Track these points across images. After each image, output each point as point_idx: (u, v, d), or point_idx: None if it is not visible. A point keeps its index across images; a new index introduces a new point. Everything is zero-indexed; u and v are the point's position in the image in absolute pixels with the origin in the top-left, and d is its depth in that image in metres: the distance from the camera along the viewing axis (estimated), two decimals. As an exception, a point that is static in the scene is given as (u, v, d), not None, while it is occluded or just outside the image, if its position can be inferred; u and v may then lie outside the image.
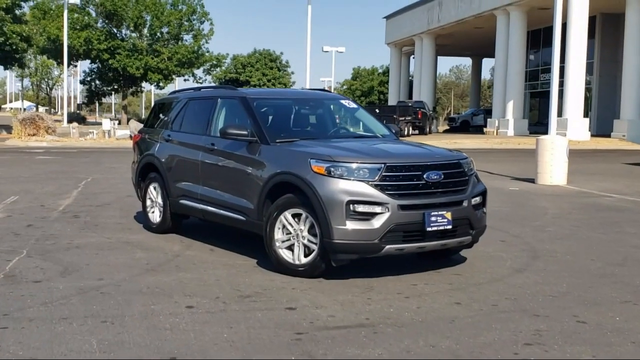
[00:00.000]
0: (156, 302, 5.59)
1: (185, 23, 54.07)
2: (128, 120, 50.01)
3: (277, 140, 7.05)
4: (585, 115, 38.55)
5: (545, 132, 17.83)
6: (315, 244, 6.34)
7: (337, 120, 8.12)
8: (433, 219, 6.23)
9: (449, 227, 6.33)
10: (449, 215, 6.32)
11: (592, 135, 36.99)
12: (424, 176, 6.30)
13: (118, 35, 54.63)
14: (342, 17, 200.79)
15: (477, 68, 67.47)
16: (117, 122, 36.55)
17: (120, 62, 52.24)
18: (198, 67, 56.39)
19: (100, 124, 40.55)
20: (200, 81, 57.57)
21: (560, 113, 38.41)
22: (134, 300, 5.68)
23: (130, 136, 31.20)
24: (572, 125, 35.40)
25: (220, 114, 7.98)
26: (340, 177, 6.17)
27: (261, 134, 7.11)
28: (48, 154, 24.04)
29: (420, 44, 56.12)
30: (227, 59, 62.52)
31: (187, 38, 55.47)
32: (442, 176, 6.40)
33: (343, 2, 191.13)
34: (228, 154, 7.43)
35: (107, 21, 53.77)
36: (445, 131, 52.48)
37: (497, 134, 42.26)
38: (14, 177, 15.57)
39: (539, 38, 48.55)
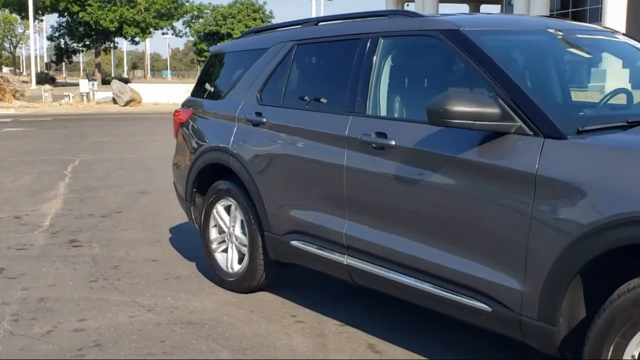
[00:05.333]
0: None
1: (163, -31, 48.89)
2: (104, 80, 45.25)
3: (583, 128, 2.95)
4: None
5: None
6: None
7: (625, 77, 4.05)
8: None
9: None
10: None
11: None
12: None
13: (88, -16, 49.28)
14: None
15: (475, 16, 63.20)
16: (94, 82, 31.91)
17: (92, 14, 47.07)
18: (177, 19, 51.47)
19: (73, 84, 35.95)
20: (181, 35, 52.73)
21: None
22: None
23: (114, 99, 26.66)
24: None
25: (384, 69, 3.83)
26: None
27: (538, 116, 2.97)
28: (17, 124, 19.63)
29: (421, -12, 51.53)
30: (208, 9, 57.52)
31: (165, -14, 50.31)
32: None
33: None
34: (432, 157, 3.30)
35: (75, -31, 48.36)
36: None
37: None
38: (-27, 164, 11.36)
39: (554, -20, 44.38)
